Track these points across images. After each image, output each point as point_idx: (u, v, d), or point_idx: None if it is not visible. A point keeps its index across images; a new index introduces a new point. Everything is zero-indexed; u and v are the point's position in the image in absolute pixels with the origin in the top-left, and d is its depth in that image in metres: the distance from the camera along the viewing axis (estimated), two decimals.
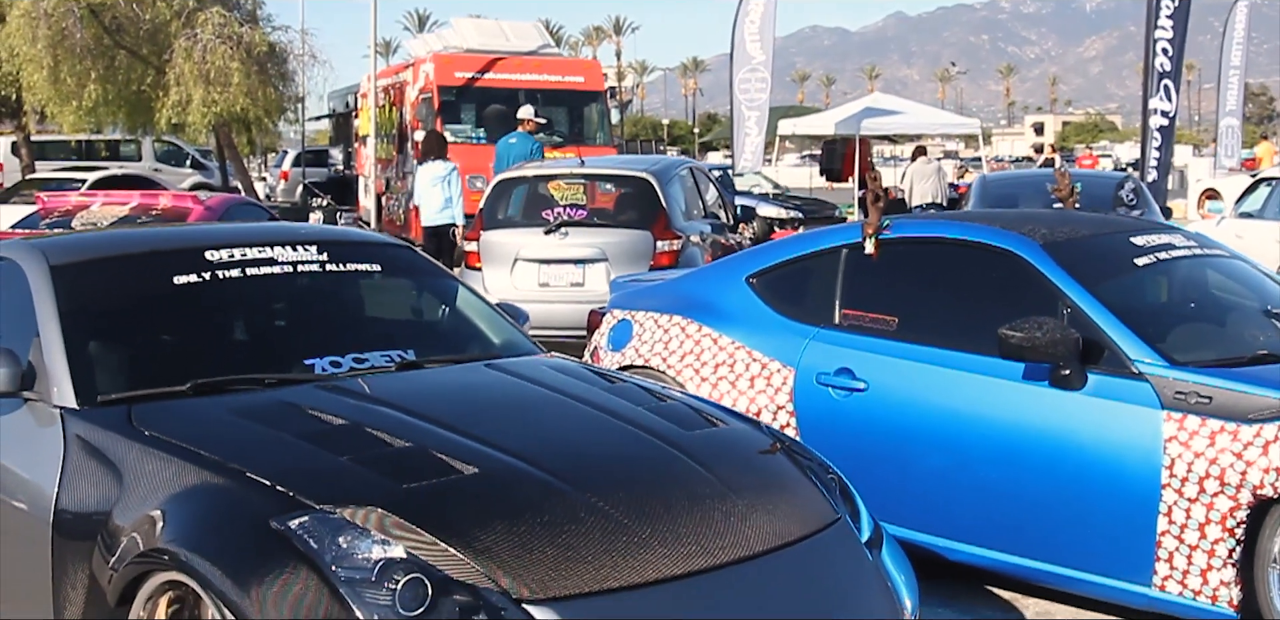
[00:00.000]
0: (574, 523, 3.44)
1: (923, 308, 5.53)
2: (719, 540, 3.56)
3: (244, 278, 4.58)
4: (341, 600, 3.10)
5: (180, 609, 3.45)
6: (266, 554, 3.23)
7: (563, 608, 3.20)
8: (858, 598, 3.71)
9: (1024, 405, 4.97)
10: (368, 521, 3.28)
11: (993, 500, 5.04)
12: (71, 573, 3.75)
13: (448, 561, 3.21)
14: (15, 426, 4.15)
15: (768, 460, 4.06)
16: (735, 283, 6.03)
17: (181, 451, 3.68)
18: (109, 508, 3.67)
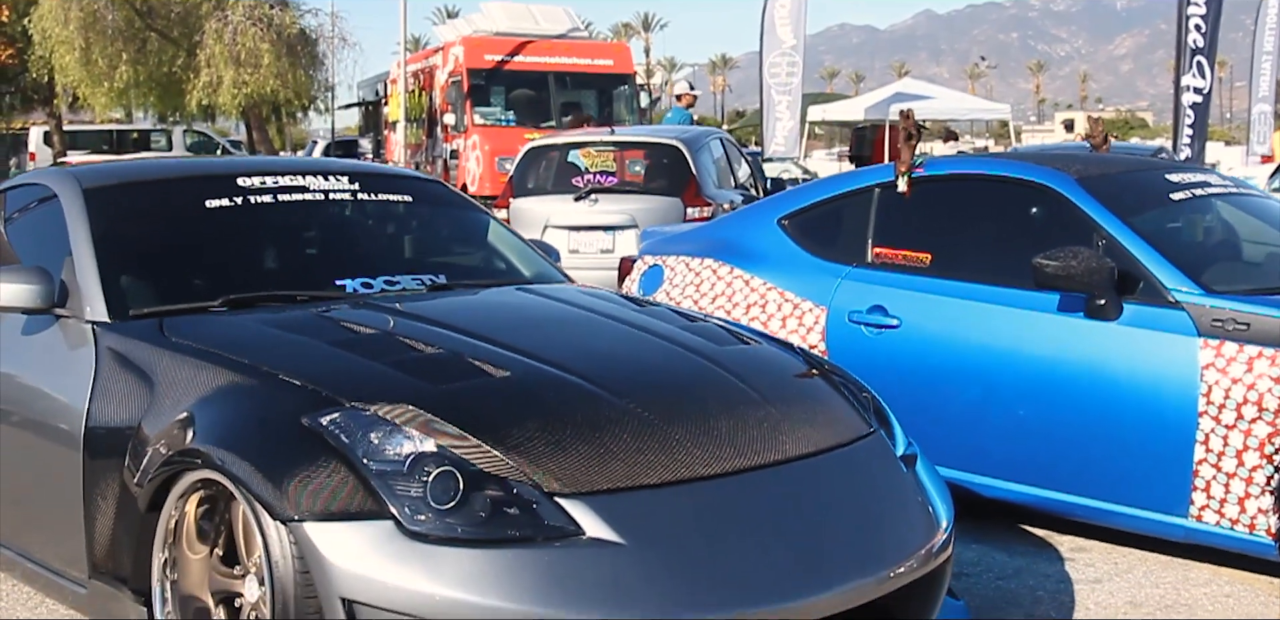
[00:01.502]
0: (607, 422, 3.42)
1: (956, 244, 5.50)
2: (753, 444, 3.53)
3: (276, 203, 4.58)
4: (373, 492, 3.09)
5: (210, 509, 3.45)
6: (298, 449, 3.22)
7: (595, 502, 3.17)
8: (893, 507, 3.68)
9: (1059, 337, 4.93)
10: (399, 418, 3.26)
11: (1026, 434, 5.01)
12: (102, 484, 3.75)
13: (479, 456, 3.19)
14: (47, 343, 4.16)
15: (802, 375, 4.03)
16: (767, 225, 6.00)
17: (213, 356, 3.67)
18: (140, 417, 3.67)
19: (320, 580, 3.04)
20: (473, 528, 3.06)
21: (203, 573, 3.49)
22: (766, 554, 3.28)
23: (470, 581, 2.99)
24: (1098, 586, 4.55)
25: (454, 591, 2.98)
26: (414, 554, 3.02)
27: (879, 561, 3.46)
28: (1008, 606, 4.35)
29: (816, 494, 3.53)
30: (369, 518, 3.07)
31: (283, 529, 3.11)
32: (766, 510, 3.39)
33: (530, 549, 3.06)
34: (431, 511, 3.06)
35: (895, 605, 3.72)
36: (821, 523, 3.45)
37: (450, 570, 3.00)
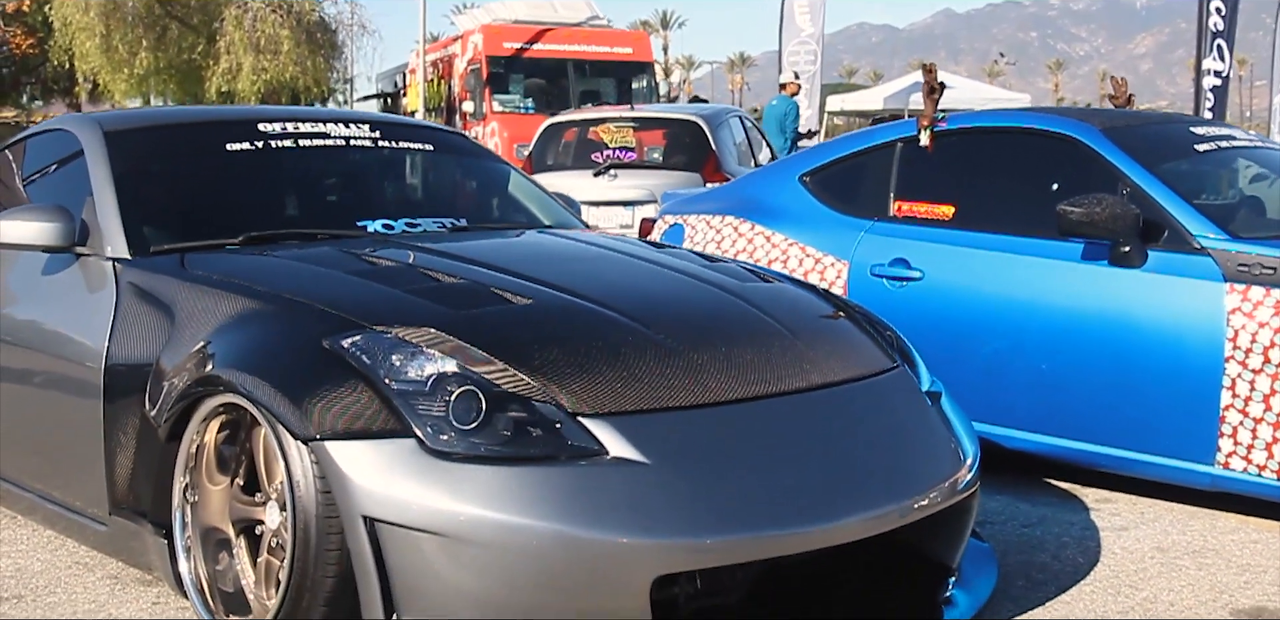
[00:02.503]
0: (630, 347, 3.39)
1: (978, 196, 5.46)
2: (777, 372, 3.51)
3: (296, 148, 4.58)
4: (395, 412, 3.07)
5: (231, 435, 3.43)
6: (319, 371, 3.20)
7: (619, 422, 3.15)
8: (917, 439, 3.65)
9: (1083, 285, 4.90)
10: (421, 339, 3.24)
11: (1050, 384, 4.97)
12: (122, 419, 3.74)
13: (502, 377, 3.17)
14: (67, 282, 4.15)
15: (825, 311, 4.01)
16: (788, 182, 5.97)
17: (233, 286, 3.66)
18: (160, 349, 3.66)
19: (342, 499, 3.02)
20: (496, 446, 3.04)
21: (223, 503, 3.47)
22: (790, 479, 3.26)
23: (493, 498, 2.97)
24: (1124, 534, 4.51)
25: (477, 508, 2.95)
26: (437, 471, 2.99)
27: (903, 490, 3.43)
28: (1033, 551, 4.32)
29: (840, 422, 3.50)
30: (391, 436, 3.04)
31: (304, 449, 3.09)
32: (790, 436, 3.37)
33: (554, 467, 3.04)
34: (454, 431, 3.04)
35: (920, 542, 3.70)
36: (845, 450, 3.43)
37: (473, 487, 2.98)
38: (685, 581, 3.24)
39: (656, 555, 2.99)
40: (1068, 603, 3.84)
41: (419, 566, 2.97)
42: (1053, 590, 3.95)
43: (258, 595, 3.36)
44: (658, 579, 3.03)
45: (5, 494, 4.43)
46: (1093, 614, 3.74)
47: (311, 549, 3.07)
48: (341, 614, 3.09)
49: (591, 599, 2.98)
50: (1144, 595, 3.91)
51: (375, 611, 3.01)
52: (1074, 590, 3.95)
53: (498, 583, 2.96)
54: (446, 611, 2.98)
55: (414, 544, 2.97)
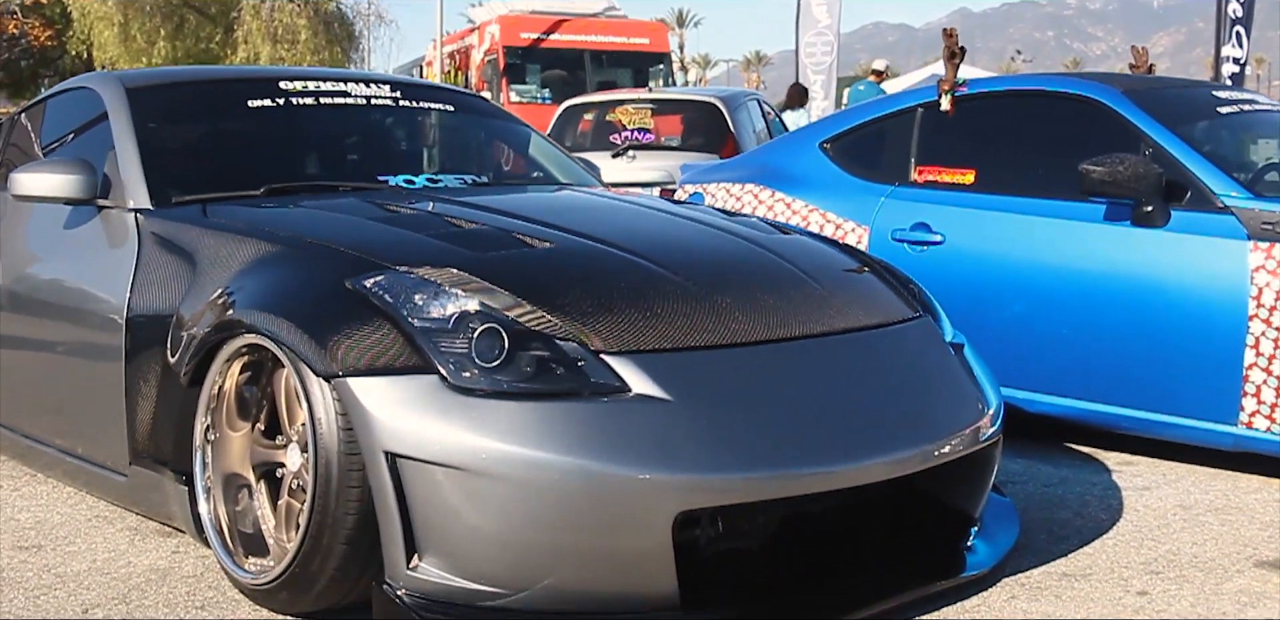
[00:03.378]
0: (653, 289, 3.38)
1: (1000, 160, 5.44)
2: (799, 316, 3.50)
3: (318, 105, 4.58)
4: (417, 349, 3.05)
5: (253, 376, 3.43)
6: (341, 310, 3.19)
7: (642, 360, 3.13)
8: (940, 386, 3.64)
9: (1105, 246, 4.87)
10: (443, 279, 3.23)
11: (1072, 346, 4.95)
12: (143, 368, 3.74)
13: (524, 315, 3.15)
14: (88, 235, 4.15)
15: (847, 262, 3.99)
16: (809, 149, 5.96)
17: (255, 232, 3.66)
18: (182, 296, 3.66)
19: (363, 435, 3.01)
20: (518, 383, 3.03)
21: (244, 448, 3.47)
22: (812, 420, 3.25)
23: (515, 433, 2.95)
24: (1146, 493, 4.49)
25: (499, 443, 2.94)
26: (459, 407, 2.98)
27: (925, 435, 3.41)
28: (1055, 508, 4.30)
29: (863, 367, 3.49)
30: (413, 373, 3.03)
31: (326, 386, 3.09)
32: (813, 379, 3.35)
33: (576, 403, 3.02)
34: (477, 368, 3.03)
35: (941, 492, 3.69)
36: (867, 394, 3.41)
37: (496, 422, 2.96)
38: (707, 524, 3.24)
39: (679, 491, 2.97)
40: (1090, 555, 3.82)
41: (440, 502, 2.96)
42: (1075, 543, 3.93)
43: (277, 538, 3.36)
44: (680, 518, 3.01)
45: (26, 451, 4.44)
46: (1116, 566, 3.71)
47: (333, 487, 3.06)
48: (362, 552, 3.08)
49: (613, 535, 2.97)
50: (1167, 548, 3.88)
51: (396, 549, 3.00)
52: (1096, 543, 3.93)
53: (519, 518, 2.94)
54: (468, 549, 2.96)
55: (435, 479, 2.96)
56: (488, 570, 2.97)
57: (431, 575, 2.99)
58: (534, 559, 2.97)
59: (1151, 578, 3.62)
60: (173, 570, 3.65)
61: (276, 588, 3.22)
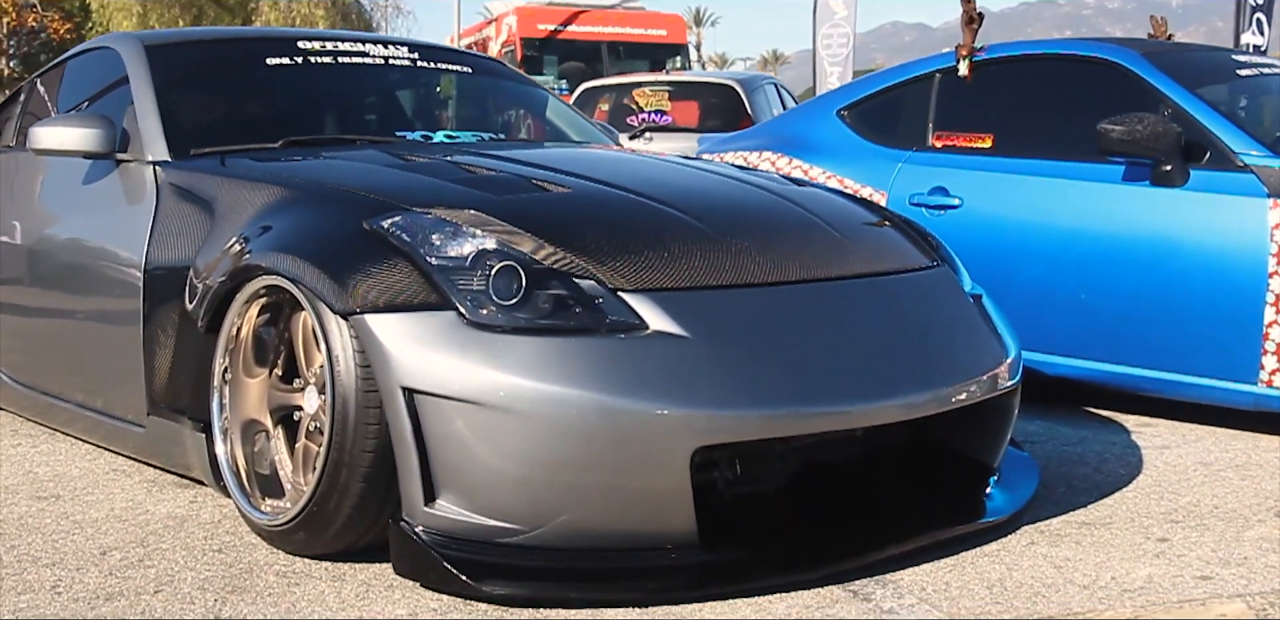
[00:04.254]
0: (671, 231, 3.38)
1: (1018, 124, 5.42)
2: (818, 259, 3.49)
3: (336, 64, 4.58)
4: (435, 286, 3.05)
5: (272, 318, 3.43)
6: (359, 249, 3.19)
7: (660, 298, 3.12)
8: (958, 332, 3.63)
9: (1124, 206, 4.86)
10: (461, 219, 3.23)
11: (1091, 307, 4.93)
12: (162, 317, 3.74)
13: (542, 254, 3.15)
14: (107, 189, 4.17)
15: (866, 214, 3.97)
16: (826, 117, 5.95)
17: (273, 179, 3.66)
18: (200, 244, 3.66)
19: (381, 372, 3.01)
20: (536, 319, 3.02)
21: (261, 394, 3.47)
22: (830, 360, 3.24)
23: (533, 368, 2.95)
24: (1166, 451, 4.47)
25: (516, 377, 2.93)
26: (476, 342, 2.98)
27: (942, 379, 3.41)
28: (1075, 464, 4.28)
29: (881, 310, 3.48)
30: (431, 309, 3.03)
31: (343, 324, 3.09)
32: (831, 320, 3.35)
33: (595, 338, 3.02)
34: (494, 305, 3.02)
35: (960, 442, 3.68)
36: (884, 337, 3.40)
37: (513, 357, 2.96)
38: (725, 467, 3.23)
39: (696, 426, 2.96)
40: (1110, 506, 3.81)
41: (457, 438, 2.95)
42: (1094, 496, 3.91)
43: (294, 482, 3.36)
44: (698, 459, 3.01)
45: (46, 408, 4.45)
46: (1136, 516, 3.70)
47: (350, 424, 3.06)
48: (379, 491, 3.08)
49: (631, 471, 2.96)
50: (1187, 500, 3.87)
51: (413, 486, 2.99)
52: (1116, 495, 3.92)
53: (537, 454, 2.93)
54: (485, 485, 2.96)
55: (452, 414, 2.95)
56: (505, 506, 2.97)
57: (449, 512, 2.99)
58: (551, 495, 2.96)
59: (1172, 526, 3.60)
60: (190, 517, 3.65)
61: (293, 528, 3.22)
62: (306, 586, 3.09)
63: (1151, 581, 3.15)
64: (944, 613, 2.93)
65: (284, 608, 2.95)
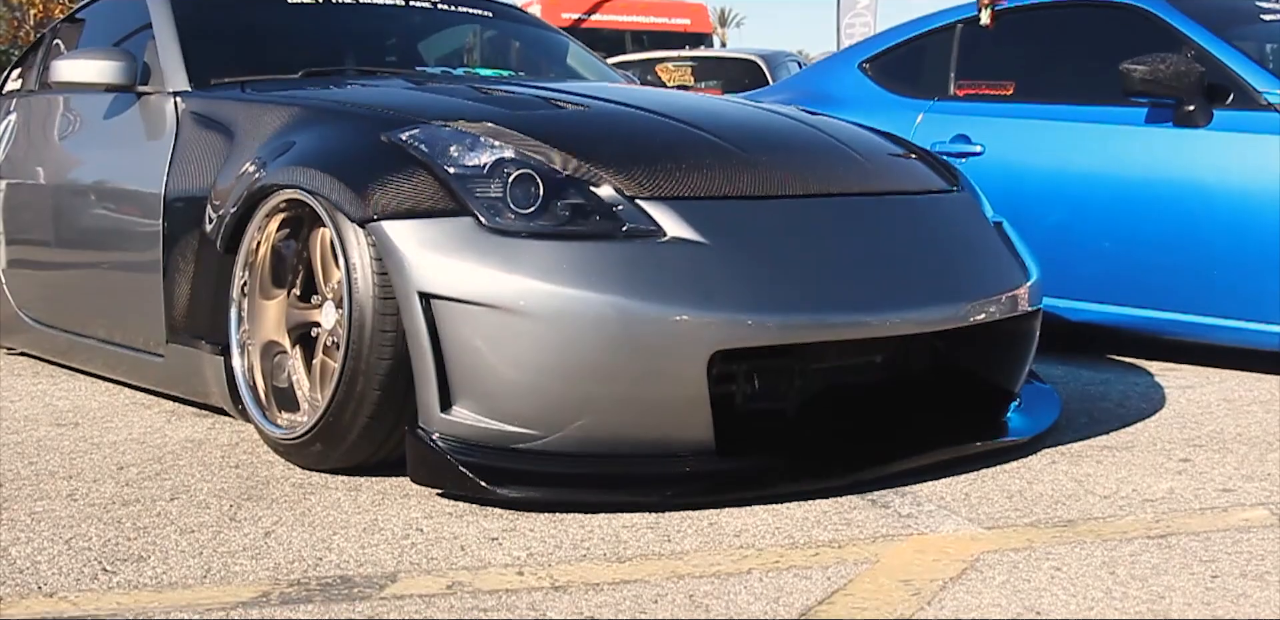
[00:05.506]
0: (691, 145, 3.36)
1: (1040, 71, 5.40)
2: (840, 176, 3.47)
3: (357, 4, 4.58)
4: (453, 193, 3.04)
5: (290, 234, 3.43)
6: (376, 160, 3.19)
7: (677, 205, 3.11)
8: (980, 252, 3.61)
9: (1147, 148, 4.82)
10: (480, 130, 3.22)
11: (1115, 251, 4.89)
12: (181, 244, 3.75)
13: (560, 163, 3.13)
14: (127, 121, 4.18)
15: (889, 144, 3.94)
16: (849, 70, 5.93)
17: (292, 100, 3.66)
18: (220, 167, 3.66)
19: (398, 278, 3.00)
20: (554, 225, 3.01)
21: (279, 314, 3.47)
22: (848, 271, 3.22)
23: (550, 271, 2.93)
24: (1190, 390, 4.44)
25: (533, 280, 2.92)
26: (494, 247, 2.97)
27: (962, 294, 3.39)
28: (1097, 400, 4.25)
29: (903, 226, 3.46)
30: (448, 215, 3.02)
31: (361, 232, 3.08)
32: (852, 233, 3.33)
33: (612, 242, 3.01)
34: (512, 213, 3.01)
35: (980, 367, 3.66)
36: (905, 252, 3.39)
37: (530, 261, 2.95)
38: (743, 380, 3.21)
39: (714, 330, 2.94)
40: (1132, 433, 3.78)
41: (474, 343, 2.94)
42: (1117, 425, 3.88)
43: (311, 399, 3.35)
44: (716, 369, 2.99)
45: (68, 347, 4.46)
46: (1158, 441, 3.67)
47: (367, 332, 3.05)
48: (395, 400, 3.07)
49: (648, 375, 2.94)
50: (1210, 429, 3.83)
51: (430, 393, 2.98)
52: (1138, 425, 3.89)
53: (554, 358, 2.92)
54: (501, 390, 2.95)
55: (469, 319, 2.94)
56: (522, 412, 2.96)
57: (465, 418, 2.97)
58: (568, 399, 2.95)
59: (1194, 449, 3.58)
60: (208, 440, 3.65)
61: (309, 440, 3.21)
62: (322, 495, 3.09)
63: (1173, 493, 3.13)
64: (964, 517, 2.90)
65: (299, 512, 2.94)
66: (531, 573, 2.53)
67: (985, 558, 2.62)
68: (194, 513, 2.94)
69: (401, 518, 2.89)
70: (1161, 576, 2.51)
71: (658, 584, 2.46)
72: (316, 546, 2.69)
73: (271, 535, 2.77)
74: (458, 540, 2.73)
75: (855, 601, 2.37)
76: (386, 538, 2.75)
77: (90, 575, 2.51)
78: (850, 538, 2.75)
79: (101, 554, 2.64)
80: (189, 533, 2.79)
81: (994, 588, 2.44)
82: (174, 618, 2.28)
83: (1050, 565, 2.57)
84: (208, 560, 2.60)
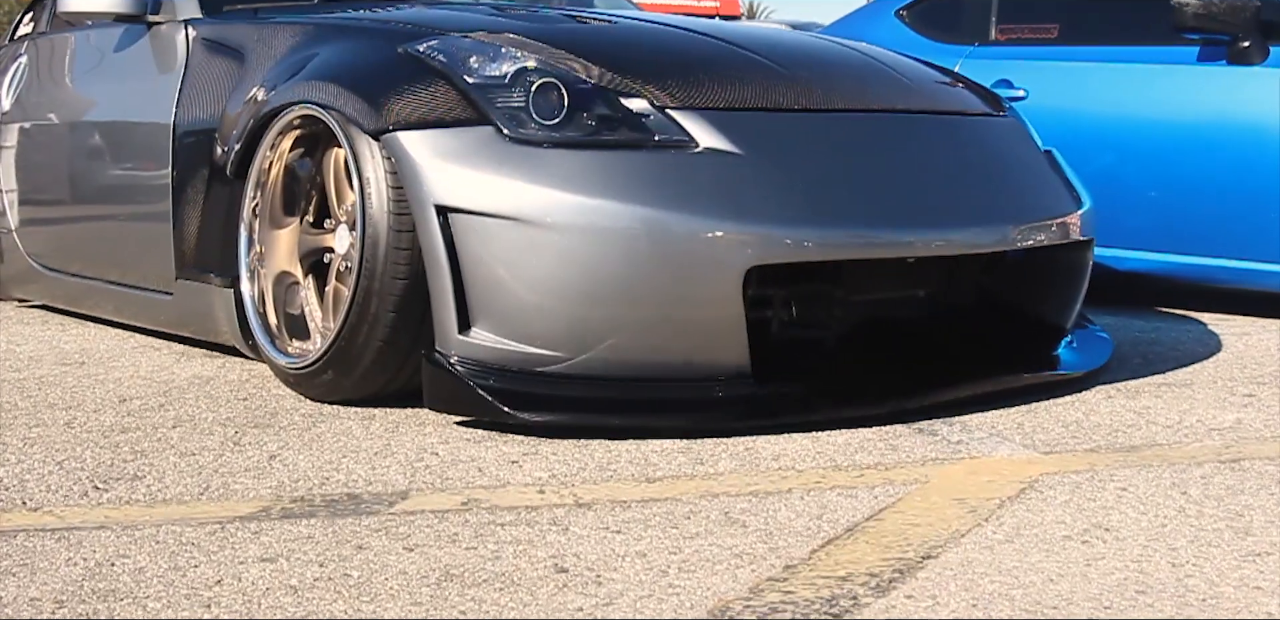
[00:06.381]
0: (726, 58, 3.18)
1: (1084, 11, 5.18)
2: (883, 93, 3.28)
3: None
4: (472, 103, 2.86)
5: (304, 153, 3.25)
6: (393, 72, 3.01)
7: (710, 116, 2.91)
8: (1030, 173, 3.41)
9: (1199, 88, 4.61)
10: (501, 41, 3.03)
11: (1165, 196, 4.68)
12: (191, 174, 3.57)
13: (586, 72, 2.95)
14: (137, 53, 4.01)
15: (937, 72, 3.73)
16: (884, 18, 5.72)
17: (309, 21, 3.49)
18: (231, 90, 3.49)
19: (413, 190, 2.82)
20: (580, 135, 2.82)
21: (291, 242, 3.30)
22: (890, 187, 3.04)
23: (575, 181, 2.75)
24: (1245, 337, 4.23)
25: (557, 191, 2.74)
26: (515, 156, 2.78)
27: (1011, 216, 3.20)
28: (1149, 345, 4.05)
29: (947, 145, 3.27)
30: (468, 125, 2.84)
31: (374, 144, 2.90)
32: (894, 149, 3.14)
33: (642, 152, 2.82)
34: (535, 123, 2.82)
35: (1029, 302, 3.46)
36: (952, 171, 3.20)
37: (553, 171, 2.76)
38: (780, 306, 3.02)
39: (749, 244, 2.76)
40: (1190, 372, 3.58)
41: (494, 258, 2.76)
42: (1173, 365, 3.68)
43: (324, 328, 3.17)
44: (751, 291, 2.81)
45: (79, 293, 4.29)
46: (1219, 378, 3.46)
47: (381, 250, 2.87)
48: (411, 323, 2.89)
49: (680, 292, 2.76)
50: (1271, 370, 3.63)
51: (447, 313, 2.80)
52: (1195, 366, 3.69)
53: (579, 273, 2.73)
54: (523, 309, 2.76)
55: (489, 233, 2.76)
56: (545, 332, 2.77)
57: (484, 340, 2.79)
58: (594, 319, 2.76)
59: (1257, 387, 3.37)
60: (217, 377, 3.48)
61: (320, 368, 3.03)
62: (332, 423, 2.91)
63: (1240, 423, 2.93)
64: (1018, 444, 2.71)
65: (307, 439, 2.76)
66: (554, 491, 2.35)
67: (1044, 479, 2.42)
68: (196, 439, 2.76)
69: (416, 443, 2.71)
70: (1238, 496, 2.31)
71: (690, 502, 2.28)
72: (323, 468, 2.51)
73: (276, 458, 2.59)
74: (474, 463, 2.55)
75: (906, 518, 2.18)
76: (399, 460, 2.57)
77: (80, 492, 2.34)
78: (897, 461, 2.57)
79: (95, 473, 2.47)
80: (189, 455, 2.61)
81: (1056, 506, 2.25)
82: (164, 530, 2.10)
83: (1116, 486, 2.38)
84: (206, 479, 2.43)
